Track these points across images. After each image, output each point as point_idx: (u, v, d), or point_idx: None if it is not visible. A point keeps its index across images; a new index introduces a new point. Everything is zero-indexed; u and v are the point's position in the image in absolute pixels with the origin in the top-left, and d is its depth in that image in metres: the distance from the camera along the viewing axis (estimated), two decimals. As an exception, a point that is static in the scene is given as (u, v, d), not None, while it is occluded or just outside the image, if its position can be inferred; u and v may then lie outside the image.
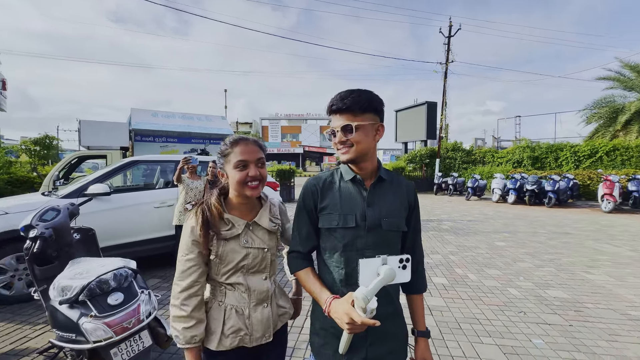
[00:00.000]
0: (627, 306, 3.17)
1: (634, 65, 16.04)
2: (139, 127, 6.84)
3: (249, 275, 1.09)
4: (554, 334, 2.62)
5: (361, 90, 1.02)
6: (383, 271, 0.85)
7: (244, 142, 1.08)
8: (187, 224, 1.07)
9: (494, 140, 34.64)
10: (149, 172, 6.41)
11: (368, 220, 1.01)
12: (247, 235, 1.09)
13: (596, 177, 11.69)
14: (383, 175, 1.07)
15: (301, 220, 1.11)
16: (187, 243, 1.04)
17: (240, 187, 1.06)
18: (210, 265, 1.07)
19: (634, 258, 4.85)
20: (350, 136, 1.00)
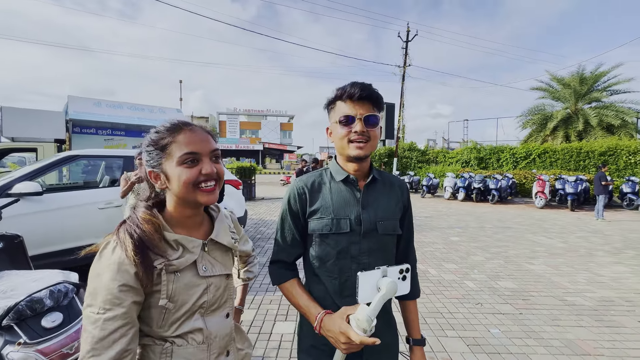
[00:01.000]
0: (563, 292, 3.56)
1: (560, 79, 18.32)
2: (78, 117, 6.04)
3: (207, 315, 0.80)
4: (508, 323, 2.83)
5: (370, 84, 0.93)
6: (384, 285, 0.78)
7: (190, 129, 0.78)
8: (104, 259, 0.69)
9: (444, 141, 37.23)
10: (91, 168, 5.72)
11: (363, 224, 0.93)
12: (204, 259, 0.81)
13: (530, 177, 13.12)
14: (376, 175, 1.00)
15: (286, 226, 1.00)
16: (108, 291, 0.65)
17: (190, 190, 0.75)
18: (149, 317, 0.73)
19: (564, 249, 5.50)
20: (371, 129, 0.91)
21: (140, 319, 0.72)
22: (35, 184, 3.13)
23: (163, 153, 0.77)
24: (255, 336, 2.56)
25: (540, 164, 14.55)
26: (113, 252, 0.69)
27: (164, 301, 0.71)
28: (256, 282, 3.71)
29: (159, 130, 0.79)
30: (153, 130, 0.81)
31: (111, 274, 0.67)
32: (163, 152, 0.77)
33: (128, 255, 0.68)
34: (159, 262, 0.72)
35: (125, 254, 0.68)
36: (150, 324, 0.73)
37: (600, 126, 16.08)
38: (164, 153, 0.77)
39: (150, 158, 0.78)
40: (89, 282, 0.68)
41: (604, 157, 12.52)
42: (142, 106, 7.40)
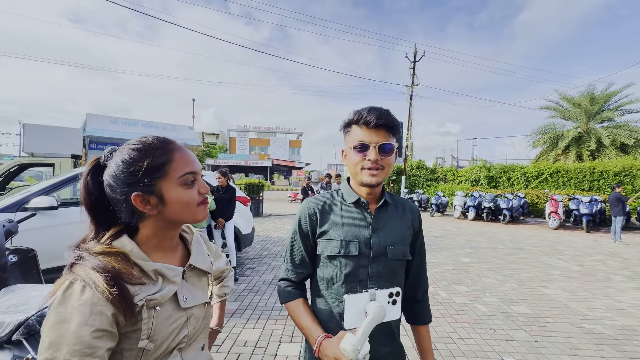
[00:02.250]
0: (581, 319, 3.39)
1: (570, 98, 18.24)
2: (95, 134, 6.28)
3: (184, 351, 0.71)
4: (523, 351, 2.70)
5: (389, 110, 0.93)
6: (372, 310, 0.74)
7: (179, 147, 0.73)
8: (71, 301, 0.57)
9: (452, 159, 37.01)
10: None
11: (373, 248, 0.93)
12: (184, 288, 0.72)
13: (543, 196, 12.83)
14: (388, 199, 1.00)
15: (295, 246, 1.00)
16: (78, 339, 0.54)
17: (191, 211, 0.70)
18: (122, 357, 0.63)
19: (581, 272, 5.29)
20: (385, 157, 0.91)
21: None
22: (51, 198, 3.23)
23: (158, 174, 0.67)
24: (260, 357, 2.50)
25: (552, 183, 14.26)
26: (82, 292, 0.57)
27: (144, 342, 0.62)
28: (261, 302, 3.66)
29: (146, 149, 0.67)
30: (131, 148, 0.68)
31: (82, 318, 0.55)
32: (158, 173, 0.67)
33: (101, 291, 0.56)
34: (139, 298, 0.62)
35: (101, 293, 0.56)
36: None
37: (613, 145, 15.79)
38: (159, 174, 0.67)
39: (135, 180, 0.65)
40: (47, 332, 0.55)
41: (619, 177, 12.21)
42: (157, 124, 7.66)
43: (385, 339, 0.95)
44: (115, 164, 0.67)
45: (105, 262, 0.60)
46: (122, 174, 0.66)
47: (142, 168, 0.66)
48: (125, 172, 0.66)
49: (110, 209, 0.69)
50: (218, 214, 4.44)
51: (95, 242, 0.66)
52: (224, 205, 4.49)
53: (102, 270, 0.59)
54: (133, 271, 0.63)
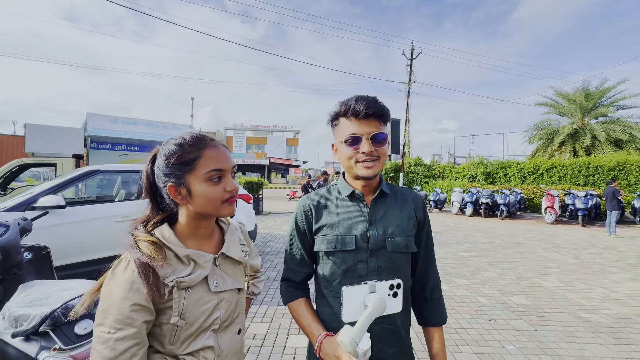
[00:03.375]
0: (578, 309, 3.50)
1: (565, 94, 18.44)
2: (96, 134, 6.28)
3: (220, 332, 0.77)
4: (523, 339, 2.80)
5: (376, 98, 0.89)
6: (371, 302, 0.71)
7: (214, 144, 0.77)
8: (116, 277, 0.67)
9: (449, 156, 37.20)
10: (107, 182, 5.89)
11: (370, 242, 0.89)
12: (216, 274, 0.78)
13: (539, 192, 13.01)
14: (385, 189, 0.95)
15: (294, 245, 0.98)
16: (119, 310, 0.64)
17: (215, 206, 0.75)
18: (161, 334, 0.71)
19: (577, 265, 5.42)
20: (379, 148, 0.87)
21: (151, 335, 0.71)
22: (59, 197, 3.27)
23: (188, 168, 0.73)
24: (269, 349, 2.57)
25: (548, 179, 14.44)
26: (125, 270, 0.67)
27: (175, 319, 0.70)
28: (268, 296, 3.73)
29: (182, 144, 0.74)
30: (173, 142, 0.76)
31: (123, 293, 0.65)
32: (188, 167, 0.73)
33: (141, 277, 0.66)
34: (170, 280, 0.70)
35: (139, 275, 0.66)
36: (162, 341, 0.71)
37: (608, 141, 16.01)
38: (188, 168, 0.73)
39: (170, 172, 0.73)
40: (100, 300, 0.66)
41: (614, 172, 12.41)
42: (157, 123, 7.66)
43: (392, 338, 0.90)
44: (160, 156, 0.77)
45: (145, 250, 0.70)
46: (162, 165, 0.75)
47: (175, 161, 0.73)
48: (164, 164, 0.75)
49: (158, 195, 0.78)
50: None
51: (143, 227, 0.76)
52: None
53: (142, 258, 0.68)
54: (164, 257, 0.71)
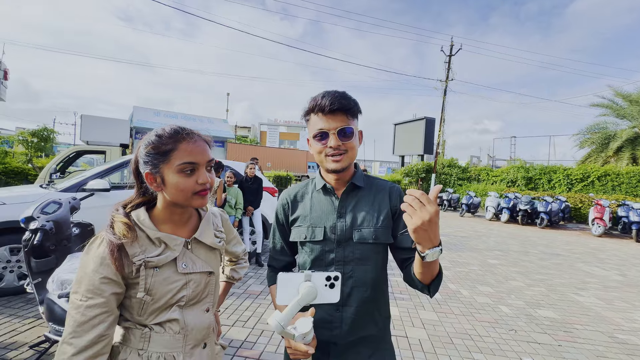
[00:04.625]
0: (614, 329, 3.22)
1: (627, 94, 16.56)
2: (141, 125, 6.87)
3: (186, 309, 0.83)
4: (544, 353, 2.65)
5: (345, 92, 0.91)
6: (301, 289, 0.74)
7: (190, 137, 0.80)
8: (90, 254, 0.75)
9: (489, 158, 35.14)
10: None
11: (338, 233, 0.93)
12: (186, 257, 0.83)
13: (587, 201, 11.91)
14: (357, 182, 0.97)
15: (275, 236, 1.07)
16: (91, 281, 0.71)
17: (185, 197, 0.79)
18: (130, 306, 0.78)
19: (622, 282, 4.94)
20: (346, 142, 0.89)
21: (122, 306, 0.78)
22: (104, 181, 3.64)
23: (163, 158, 0.77)
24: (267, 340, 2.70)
25: (600, 187, 13.17)
26: (99, 247, 0.74)
27: (141, 294, 0.75)
28: (285, 286, 3.87)
29: (161, 135, 0.79)
30: (154, 133, 0.81)
31: (94, 266, 0.72)
32: (163, 158, 0.77)
33: (109, 253, 0.72)
34: (138, 259, 0.75)
35: (108, 251, 0.72)
36: (132, 312, 0.78)
37: (676, 148, 14.19)
38: (163, 158, 0.77)
39: (148, 160, 0.79)
40: (78, 271, 0.74)
41: (681, 183, 11.00)
42: (194, 116, 8.17)
43: (366, 324, 0.94)
44: (142, 144, 0.82)
45: (118, 229, 0.76)
46: (142, 153, 0.81)
47: (152, 151, 0.78)
48: (144, 151, 0.80)
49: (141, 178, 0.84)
50: (246, 202, 4.71)
51: (123, 209, 0.82)
52: (252, 194, 4.75)
53: (112, 238, 0.74)
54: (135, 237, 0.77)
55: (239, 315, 3.04)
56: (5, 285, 3.14)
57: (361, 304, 0.93)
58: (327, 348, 0.93)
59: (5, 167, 8.28)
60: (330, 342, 0.93)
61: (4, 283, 3.13)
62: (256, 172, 4.94)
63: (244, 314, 3.06)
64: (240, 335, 2.66)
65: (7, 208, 3.11)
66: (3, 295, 3.12)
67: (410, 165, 19.12)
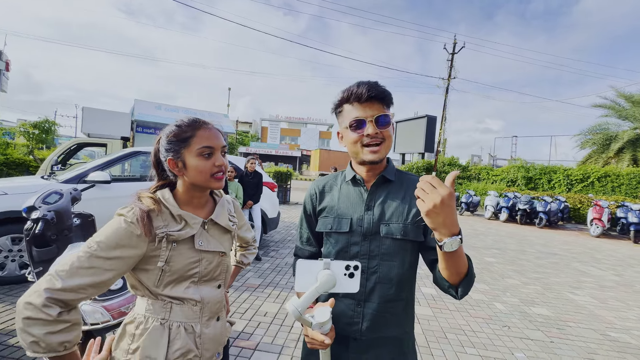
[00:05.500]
0: (607, 327, 3.27)
1: (629, 95, 16.49)
2: (142, 119, 6.88)
3: (200, 284, 0.91)
4: (536, 349, 2.69)
5: (377, 82, 0.90)
6: (320, 277, 0.73)
7: (207, 126, 0.91)
8: (117, 219, 0.81)
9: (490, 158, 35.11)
10: (148, 163, 6.43)
11: (365, 226, 0.91)
12: (202, 236, 0.91)
13: (587, 202, 11.93)
14: (388, 176, 0.94)
15: (302, 225, 1.07)
16: (109, 239, 0.77)
17: (204, 178, 0.88)
18: (148, 277, 0.85)
19: (617, 282, 4.98)
20: (384, 129, 0.87)
21: (140, 283, 0.86)
22: (105, 173, 3.68)
23: (184, 144, 0.87)
24: (277, 327, 2.74)
25: (600, 188, 13.16)
26: (128, 212, 0.81)
27: (161, 264, 0.83)
28: (283, 280, 3.92)
29: (181, 125, 0.89)
30: (174, 124, 0.91)
31: (118, 227, 0.79)
32: (184, 144, 0.87)
33: (140, 220, 0.79)
34: (161, 231, 0.83)
35: (139, 218, 0.80)
36: (149, 284, 0.85)
37: (677, 150, 14.16)
38: (184, 144, 0.87)
39: (170, 147, 0.88)
40: (105, 225, 0.82)
41: (680, 185, 11.00)
42: (195, 111, 8.17)
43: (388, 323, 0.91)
44: (163, 135, 0.92)
45: (146, 202, 0.85)
46: (164, 142, 0.90)
47: (174, 138, 0.88)
48: (165, 141, 0.90)
49: (161, 167, 0.94)
50: (246, 196, 4.74)
51: (147, 190, 0.91)
52: (252, 189, 4.78)
53: (141, 206, 0.83)
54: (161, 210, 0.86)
55: (237, 307, 3.09)
56: (7, 274, 3.18)
57: (384, 301, 0.90)
58: (347, 342, 0.91)
59: (7, 158, 8.32)
60: (350, 337, 0.91)
61: (5, 272, 3.18)
62: (256, 168, 4.97)
63: (242, 306, 3.11)
64: (237, 326, 2.71)
65: (8, 198, 3.15)
66: (5, 283, 3.17)
67: (410, 163, 19.12)
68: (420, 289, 3.98)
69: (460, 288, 0.79)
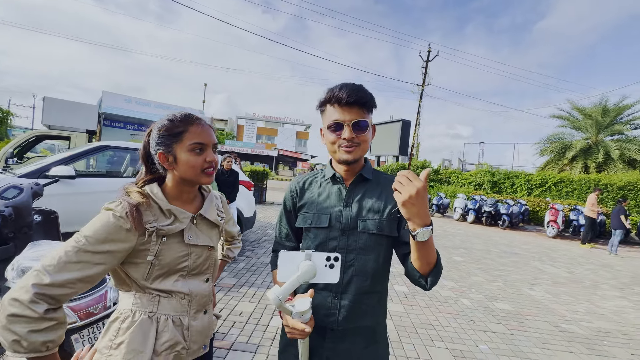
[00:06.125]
0: (559, 319, 3.57)
1: (582, 108, 18.04)
2: (110, 112, 6.50)
3: (188, 278, 0.92)
4: (497, 341, 2.89)
5: (362, 86, 0.93)
6: (301, 267, 0.76)
7: (199, 122, 0.91)
8: (110, 211, 0.80)
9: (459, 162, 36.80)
10: (116, 159, 6.12)
11: (343, 221, 0.96)
12: (191, 230, 0.92)
13: (544, 205, 12.86)
14: (366, 175, 1.00)
15: (282, 221, 1.10)
16: (97, 233, 0.77)
17: (195, 173, 0.89)
18: (137, 272, 0.85)
19: (569, 279, 5.44)
20: (360, 135, 0.91)
21: (128, 275, 0.85)
22: (69, 168, 3.46)
23: (175, 139, 0.88)
24: (253, 326, 2.73)
25: (555, 192, 14.25)
26: (117, 207, 0.81)
27: (151, 257, 0.84)
28: (258, 279, 3.90)
29: (173, 119, 0.89)
30: (166, 118, 0.91)
31: (107, 221, 0.78)
32: (175, 138, 0.88)
33: (129, 214, 0.79)
34: (151, 225, 0.83)
35: (127, 212, 0.80)
36: (137, 277, 0.85)
37: (621, 159, 15.65)
38: (176, 139, 0.88)
39: (161, 141, 0.88)
40: (92, 220, 0.80)
41: (623, 191, 12.19)
42: (169, 105, 7.86)
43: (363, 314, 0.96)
44: (155, 128, 0.92)
45: (134, 197, 0.85)
46: (155, 135, 0.90)
47: (166, 132, 0.89)
48: (156, 134, 0.90)
49: (150, 161, 0.94)
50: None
51: (135, 184, 0.91)
52: (228, 187, 4.70)
53: (130, 201, 0.83)
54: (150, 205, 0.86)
55: (211, 307, 3.03)
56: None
57: (359, 293, 0.94)
58: (324, 333, 0.95)
59: (-49, 149, 7.53)
60: (327, 327, 0.95)
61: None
62: (233, 166, 4.90)
63: (217, 307, 3.05)
64: (211, 326, 2.66)
65: (-43, 192, 2.87)
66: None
67: (385, 165, 19.62)
68: (393, 286, 4.11)
69: (429, 278, 0.86)
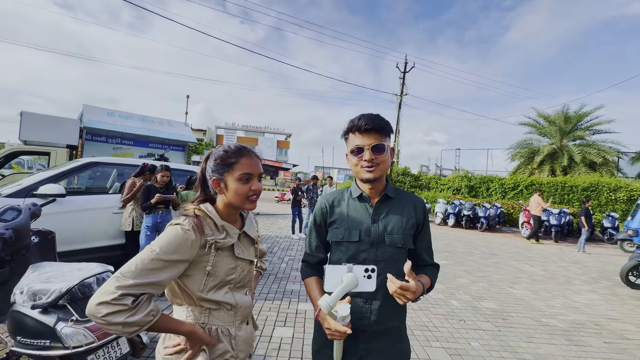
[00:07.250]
0: (539, 314, 3.85)
1: (547, 116, 19.37)
2: (92, 126, 6.33)
3: (234, 290, 1.02)
4: (487, 338, 3.09)
5: (378, 115, 1.10)
6: (345, 278, 0.89)
7: (249, 154, 1.02)
8: (181, 226, 0.92)
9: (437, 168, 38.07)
10: (100, 174, 5.95)
11: (372, 236, 1.09)
12: (239, 245, 1.04)
13: (518, 207, 13.63)
14: (389, 194, 1.14)
15: (312, 235, 1.23)
16: (169, 244, 0.88)
17: (241, 200, 0.99)
18: (194, 282, 0.94)
19: (545, 276, 5.83)
20: (379, 156, 1.06)
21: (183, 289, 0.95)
22: (59, 186, 3.39)
23: (228, 168, 0.99)
24: (257, 338, 2.77)
25: (527, 195, 15.10)
26: (184, 222, 0.93)
27: (209, 267, 0.94)
28: (256, 292, 3.92)
29: (227, 151, 1.02)
30: (222, 149, 1.04)
31: (176, 234, 0.90)
32: (228, 168, 0.99)
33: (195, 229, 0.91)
34: (210, 238, 0.95)
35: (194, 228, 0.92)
36: (193, 288, 0.94)
37: (583, 163, 16.89)
38: (229, 168, 0.99)
39: (216, 169, 1.00)
40: (161, 234, 0.92)
41: (587, 192, 13.14)
42: (152, 118, 7.74)
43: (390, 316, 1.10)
44: (212, 156, 1.05)
45: (195, 213, 0.98)
46: (212, 163, 1.03)
47: (220, 162, 1.01)
48: (213, 162, 1.03)
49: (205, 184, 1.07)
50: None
51: (192, 202, 1.04)
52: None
53: (193, 217, 0.96)
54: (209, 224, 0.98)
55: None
56: None
57: (387, 298, 1.05)
58: (357, 335, 1.06)
59: None
60: (359, 330, 1.07)
61: None
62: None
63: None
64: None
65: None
66: None
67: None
68: (386, 292, 4.26)
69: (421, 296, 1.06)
